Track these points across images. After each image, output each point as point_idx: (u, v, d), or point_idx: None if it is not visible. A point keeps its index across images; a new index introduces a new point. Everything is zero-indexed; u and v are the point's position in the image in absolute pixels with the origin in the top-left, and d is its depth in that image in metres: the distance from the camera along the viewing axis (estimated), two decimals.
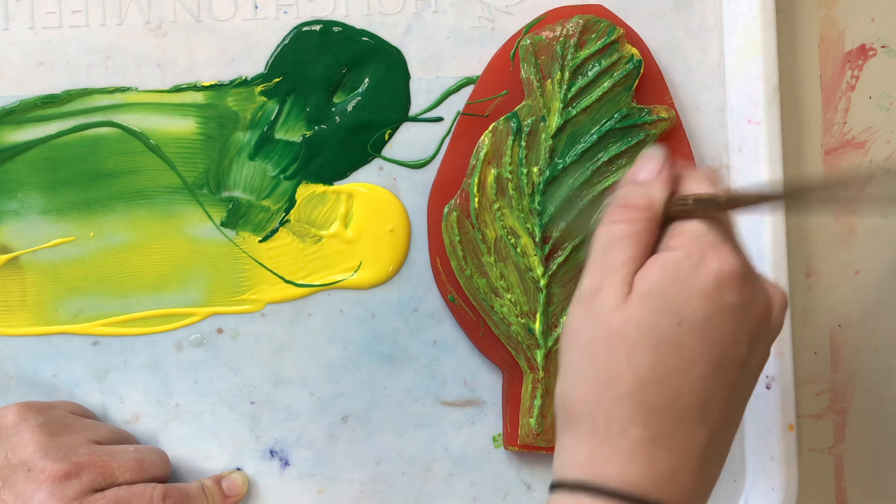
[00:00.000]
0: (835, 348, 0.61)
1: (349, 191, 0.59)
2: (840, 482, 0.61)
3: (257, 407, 0.59)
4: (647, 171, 0.47)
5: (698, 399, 0.44)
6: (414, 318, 0.59)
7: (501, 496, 0.59)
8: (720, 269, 0.44)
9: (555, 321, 0.57)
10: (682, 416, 0.43)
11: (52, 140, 0.58)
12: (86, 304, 0.58)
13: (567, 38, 0.57)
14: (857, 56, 0.61)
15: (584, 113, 0.57)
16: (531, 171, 0.57)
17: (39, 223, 0.58)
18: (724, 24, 0.59)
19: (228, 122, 0.59)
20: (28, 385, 0.58)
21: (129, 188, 0.58)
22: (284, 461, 0.59)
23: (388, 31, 0.59)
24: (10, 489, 0.52)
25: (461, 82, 0.59)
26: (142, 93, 0.59)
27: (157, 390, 0.59)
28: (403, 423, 0.59)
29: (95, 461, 0.53)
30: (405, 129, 0.59)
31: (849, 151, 0.61)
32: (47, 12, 0.58)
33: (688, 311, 0.43)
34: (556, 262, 0.57)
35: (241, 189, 0.59)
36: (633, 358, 0.43)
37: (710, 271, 0.44)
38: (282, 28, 0.59)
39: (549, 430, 0.57)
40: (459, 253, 0.57)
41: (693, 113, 0.59)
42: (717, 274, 0.44)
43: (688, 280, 0.44)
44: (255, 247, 0.59)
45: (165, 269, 0.59)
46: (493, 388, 0.59)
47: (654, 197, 0.46)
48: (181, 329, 0.59)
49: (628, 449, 0.43)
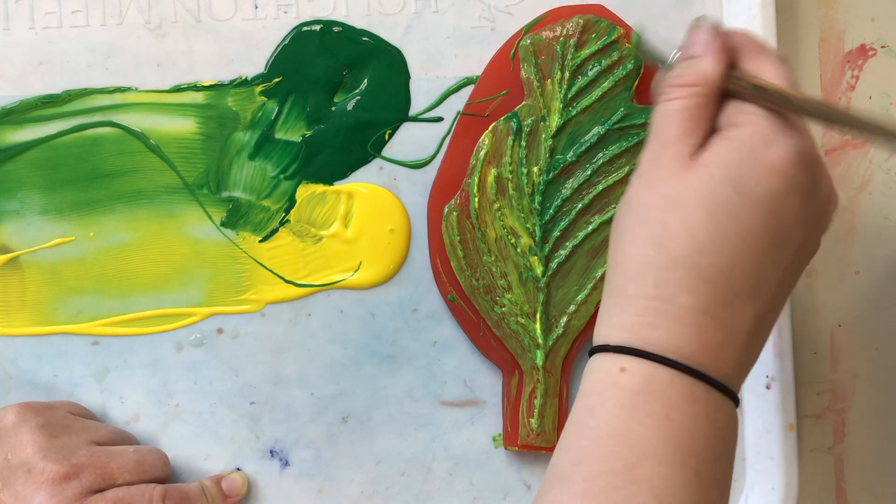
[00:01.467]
0: (835, 348, 0.61)
1: (349, 191, 0.59)
2: (840, 482, 0.61)
3: (257, 407, 0.59)
4: (699, 44, 0.46)
5: (751, 274, 0.42)
6: (414, 318, 0.59)
7: (501, 496, 0.59)
8: (795, 147, 0.43)
9: (555, 321, 0.57)
10: (733, 289, 0.42)
11: (52, 140, 0.58)
12: (86, 304, 0.58)
13: (567, 38, 0.57)
14: (857, 56, 0.61)
15: (584, 113, 0.57)
16: (531, 171, 0.57)
17: (39, 223, 0.58)
18: (724, 24, 0.59)
19: (228, 122, 0.59)
20: (28, 385, 0.58)
21: (129, 188, 0.58)
22: (284, 461, 0.59)
23: (388, 31, 0.59)
24: (10, 490, 0.52)
25: (461, 82, 0.59)
26: (142, 93, 0.59)
27: (157, 390, 0.59)
28: (403, 423, 0.59)
29: (95, 462, 0.53)
30: (405, 129, 0.59)
31: (849, 151, 0.61)
32: (47, 12, 0.58)
33: (752, 184, 0.42)
34: (556, 261, 0.57)
35: (241, 189, 0.59)
36: (688, 222, 0.42)
37: (784, 147, 0.43)
38: (282, 28, 0.59)
39: (550, 431, 0.57)
40: (459, 253, 0.57)
41: None
42: (791, 151, 0.43)
43: (757, 154, 0.43)
44: (255, 247, 0.59)
45: (165, 269, 0.59)
46: (493, 388, 0.59)
47: (705, 71, 0.45)
48: (181, 329, 0.59)
49: (677, 315, 0.42)
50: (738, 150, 0.43)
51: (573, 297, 0.57)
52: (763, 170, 0.43)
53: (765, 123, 0.43)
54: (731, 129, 0.44)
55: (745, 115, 0.44)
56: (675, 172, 0.43)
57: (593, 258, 0.57)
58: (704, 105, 0.45)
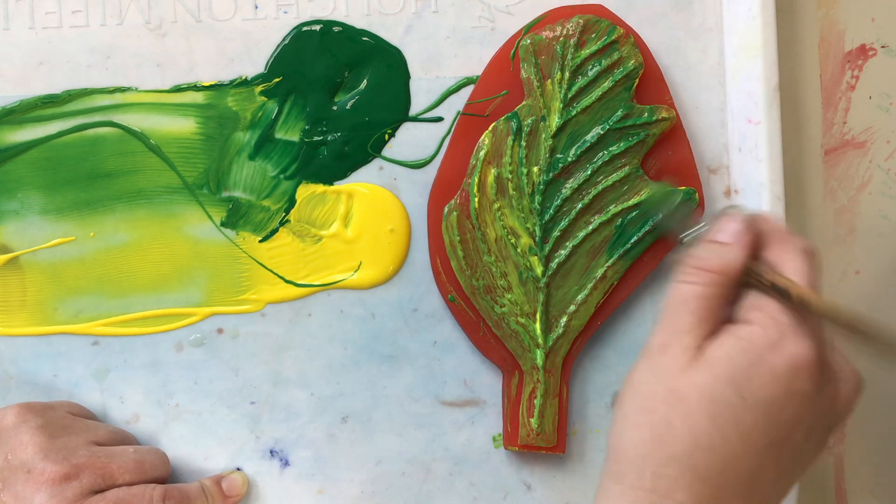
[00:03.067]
0: None
1: (349, 191, 0.59)
2: (840, 482, 0.61)
3: (257, 407, 0.59)
4: (728, 233, 0.47)
5: (748, 475, 0.44)
6: (414, 318, 0.59)
7: (501, 496, 0.59)
8: (797, 355, 0.44)
9: (555, 321, 0.57)
10: (728, 488, 0.43)
11: (52, 140, 0.58)
12: (86, 304, 0.58)
13: (567, 38, 0.57)
14: (857, 56, 0.61)
15: (585, 113, 0.57)
16: (531, 171, 0.57)
17: (39, 223, 0.58)
18: (724, 24, 0.59)
19: (228, 122, 0.59)
20: (28, 385, 0.58)
21: (129, 188, 0.58)
22: (284, 461, 0.59)
23: (388, 31, 0.59)
24: (10, 491, 0.52)
25: (461, 82, 0.59)
26: (142, 93, 0.59)
27: (157, 390, 0.59)
28: (403, 423, 0.59)
29: (95, 462, 0.53)
30: (405, 129, 0.59)
31: (849, 151, 0.61)
32: (47, 12, 0.58)
33: (754, 388, 0.44)
34: (555, 261, 0.57)
35: (241, 189, 0.59)
36: (690, 421, 0.43)
37: (787, 355, 0.44)
38: (282, 28, 0.59)
39: (550, 430, 0.57)
40: (459, 253, 0.57)
41: (693, 113, 0.59)
42: (793, 359, 0.44)
43: (761, 359, 0.44)
44: (255, 247, 0.59)
45: (165, 269, 0.59)
46: (493, 388, 0.59)
47: (730, 262, 0.46)
48: (181, 329, 0.59)
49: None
50: (744, 353, 0.44)
51: (573, 296, 0.57)
52: (766, 375, 0.44)
53: (775, 326, 0.44)
54: (743, 328, 0.45)
55: (758, 312, 0.45)
56: (683, 366, 0.44)
57: (593, 258, 0.57)
58: (722, 295, 0.46)
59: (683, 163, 0.58)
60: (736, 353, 0.44)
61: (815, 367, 0.44)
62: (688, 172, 0.58)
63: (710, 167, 0.59)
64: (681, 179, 0.57)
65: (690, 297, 0.45)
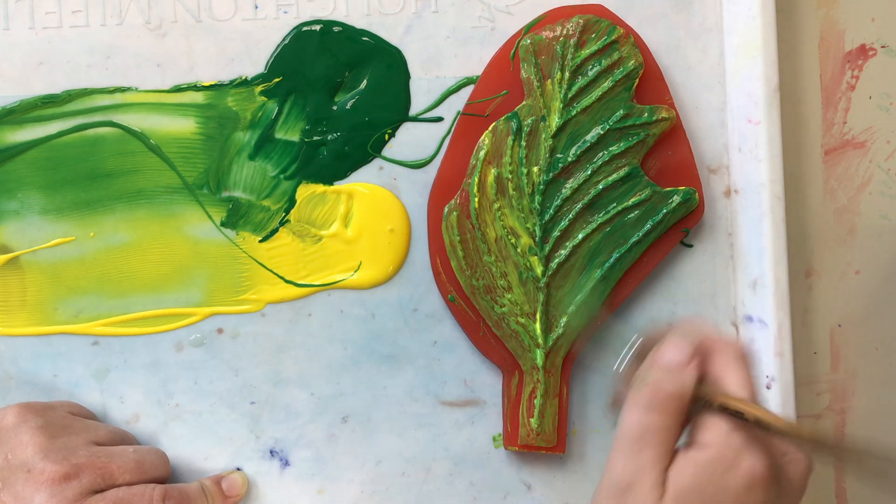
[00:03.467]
0: (835, 348, 0.61)
1: (349, 191, 0.59)
2: (840, 482, 0.61)
3: (257, 407, 0.59)
4: (678, 352, 0.48)
5: None
6: (414, 318, 0.59)
7: (501, 496, 0.59)
8: (752, 472, 0.46)
9: (555, 321, 0.57)
10: None
11: (52, 140, 0.58)
12: (86, 304, 0.58)
13: (567, 38, 0.57)
14: (857, 56, 0.61)
15: (585, 113, 0.57)
16: (531, 171, 0.57)
17: (39, 223, 0.58)
18: (724, 24, 0.59)
19: (228, 122, 0.59)
20: (28, 385, 0.58)
21: (129, 188, 0.58)
22: (284, 461, 0.59)
23: (388, 31, 0.59)
24: (10, 490, 0.52)
25: (461, 82, 0.59)
26: (142, 93, 0.59)
27: (157, 390, 0.59)
28: (403, 423, 0.59)
29: (95, 462, 0.53)
30: (405, 129, 0.59)
31: (849, 151, 0.61)
32: (47, 12, 0.58)
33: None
34: (555, 261, 0.57)
35: (241, 189, 0.59)
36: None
37: (743, 474, 0.46)
38: (282, 28, 0.59)
39: (549, 430, 0.57)
40: (459, 253, 0.57)
41: (693, 113, 0.59)
42: (750, 475, 0.46)
43: (721, 481, 0.46)
44: (255, 247, 0.59)
45: (165, 269, 0.59)
46: (493, 388, 0.59)
47: (685, 385, 0.47)
48: (181, 329, 0.59)
49: None
50: (708, 482, 0.46)
51: (573, 297, 0.57)
52: (723, 493, 0.45)
53: (729, 447, 0.46)
54: (701, 454, 0.46)
55: (711, 433, 0.46)
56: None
57: (593, 258, 0.57)
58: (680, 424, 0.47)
59: (683, 163, 0.58)
60: (700, 482, 0.46)
61: (769, 479, 0.46)
62: (688, 172, 0.58)
63: (710, 167, 0.59)
64: (681, 179, 0.58)
65: (656, 429, 0.46)
